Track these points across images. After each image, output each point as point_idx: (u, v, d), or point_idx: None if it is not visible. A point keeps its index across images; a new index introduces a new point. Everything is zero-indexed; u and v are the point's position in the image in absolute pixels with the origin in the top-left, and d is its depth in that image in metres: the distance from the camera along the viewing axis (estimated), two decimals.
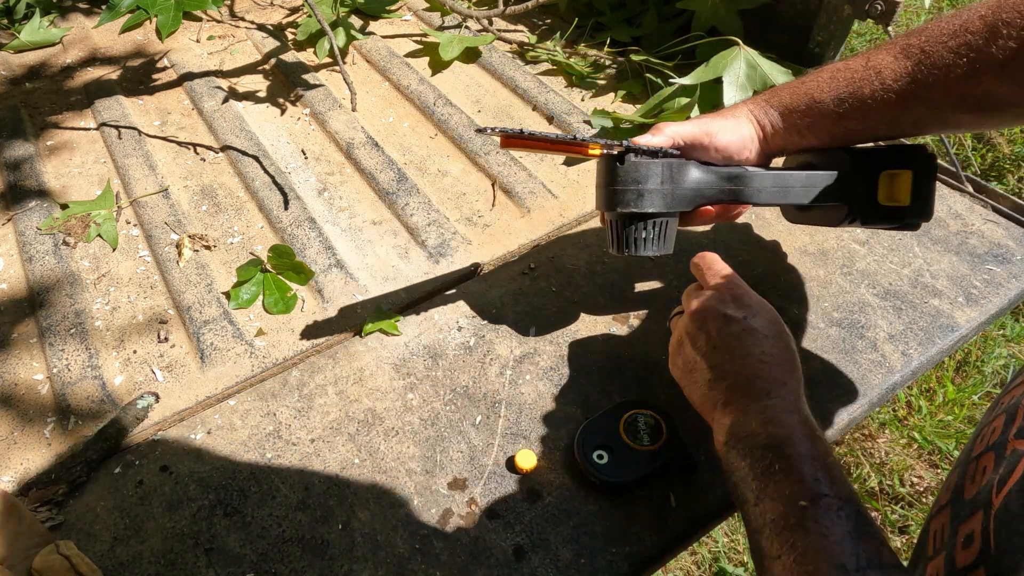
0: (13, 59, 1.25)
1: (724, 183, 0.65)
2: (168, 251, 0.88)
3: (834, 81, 0.61)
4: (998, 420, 0.39)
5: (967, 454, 0.40)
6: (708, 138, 0.64)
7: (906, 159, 0.67)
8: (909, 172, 0.66)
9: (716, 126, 0.64)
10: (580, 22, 1.28)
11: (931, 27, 0.58)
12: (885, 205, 0.68)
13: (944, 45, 0.56)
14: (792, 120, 0.64)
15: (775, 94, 0.65)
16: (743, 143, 0.65)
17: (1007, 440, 0.36)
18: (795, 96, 0.63)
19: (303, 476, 0.66)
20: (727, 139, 0.64)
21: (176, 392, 0.73)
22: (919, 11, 2.36)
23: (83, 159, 1.03)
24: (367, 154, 1.02)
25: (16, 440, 0.69)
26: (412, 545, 0.61)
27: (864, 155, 0.66)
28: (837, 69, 0.62)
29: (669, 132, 0.64)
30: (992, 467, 0.35)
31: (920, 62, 0.57)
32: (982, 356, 1.56)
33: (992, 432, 0.38)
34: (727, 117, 0.66)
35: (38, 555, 0.58)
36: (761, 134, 0.65)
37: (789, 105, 0.63)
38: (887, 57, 0.59)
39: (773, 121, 0.65)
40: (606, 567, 0.60)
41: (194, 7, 1.11)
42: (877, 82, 0.59)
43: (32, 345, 0.78)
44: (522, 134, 0.59)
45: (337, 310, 0.81)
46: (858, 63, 0.61)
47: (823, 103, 0.62)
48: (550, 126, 1.08)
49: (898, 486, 1.35)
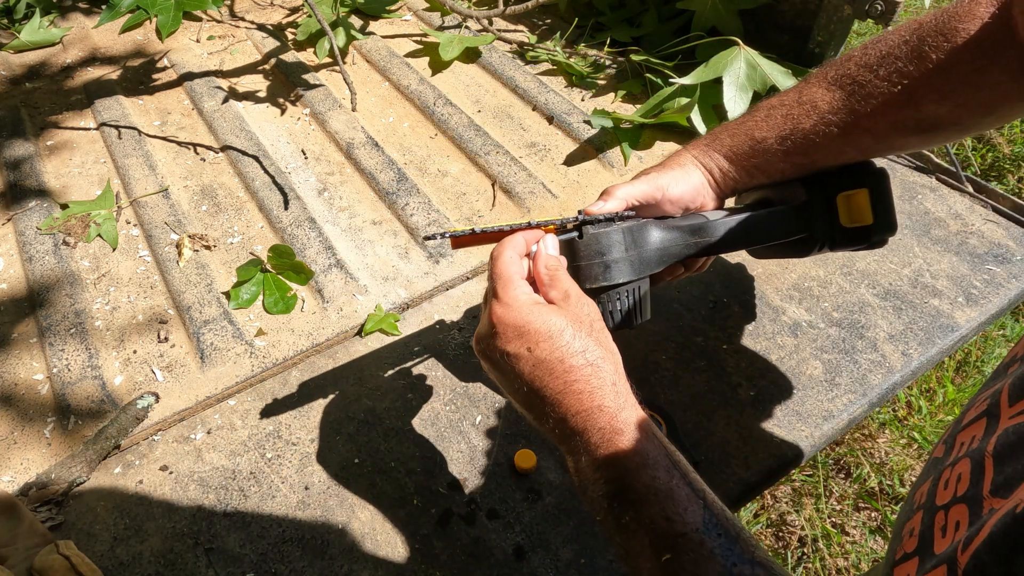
0: (13, 59, 1.25)
1: (688, 237, 0.63)
2: (168, 251, 0.88)
3: (771, 119, 0.61)
4: (962, 465, 0.37)
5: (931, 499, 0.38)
6: (660, 192, 0.62)
7: (858, 178, 0.66)
8: (865, 190, 0.65)
9: (665, 179, 0.62)
10: (580, 22, 1.28)
11: (856, 55, 0.58)
12: (849, 227, 0.67)
13: (876, 74, 0.56)
14: (739, 162, 0.63)
15: (715, 138, 0.64)
16: (696, 191, 0.63)
17: (981, 495, 0.33)
18: (736, 138, 0.62)
19: (303, 476, 0.66)
20: (680, 191, 0.62)
21: (176, 392, 0.73)
22: (919, 11, 2.37)
23: (83, 159, 1.03)
24: (367, 154, 1.02)
25: (16, 440, 0.69)
26: (412, 545, 0.61)
27: (817, 182, 0.65)
28: (772, 106, 0.61)
29: (620, 195, 0.61)
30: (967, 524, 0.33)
31: (854, 92, 0.57)
32: (982, 356, 1.56)
33: (959, 480, 0.36)
34: (673, 168, 0.64)
35: (38, 555, 0.58)
36: (711, 179, 0.64)
37: (732, 147, 0.62)
38: (819, 90, 0.59)
39: (719, 165, 0.63)
40: (606, 567, 0.60)
41: (194, 7, 1.11)
42: (815, 115, 0.58)
43: (32, 345, 0.78)
44: (473, 233, 0.57)
45: (337, 310, 0.81)
46: (791, 98, 0.60)
47: (766, 142, 0.61)
48: (550, 126, 1.08)
49: (898, 486, 1.35)
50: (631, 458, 0.45)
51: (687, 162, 0.64)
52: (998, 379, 0.41)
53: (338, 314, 0.80)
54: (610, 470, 0.45)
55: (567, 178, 0.99)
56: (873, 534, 1.30)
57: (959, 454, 0.38)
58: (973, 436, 0.38)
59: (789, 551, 1.27)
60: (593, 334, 0.49)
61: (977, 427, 0.38)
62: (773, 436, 0.69)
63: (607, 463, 0.45)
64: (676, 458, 0.45)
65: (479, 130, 1.05)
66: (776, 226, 0.66)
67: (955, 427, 0.42)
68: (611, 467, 0.45)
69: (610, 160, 1.00)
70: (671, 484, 0.43)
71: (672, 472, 0.44)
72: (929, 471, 0.41)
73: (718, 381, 0.74)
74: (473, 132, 1.05)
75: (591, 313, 0.51)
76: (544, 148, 1.04)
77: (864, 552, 1.26)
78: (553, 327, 0.48)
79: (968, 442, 0.38)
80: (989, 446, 0.35)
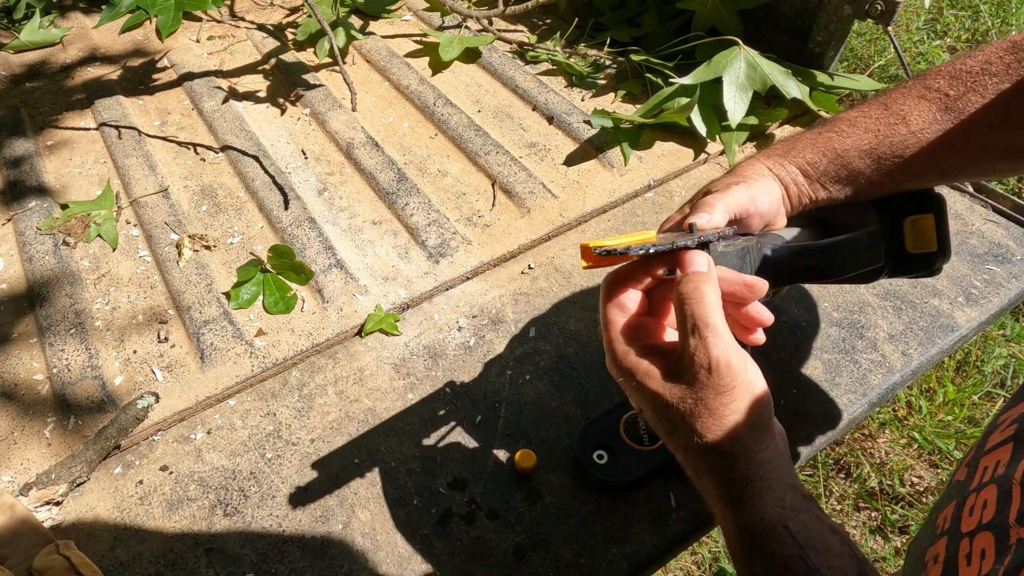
0: (13, 59, 1.25)
1: (799, 260, 0.57)
2: (168, 251, 0.88)
3: (855, 130, 0.56)
4: (988, 492, 0.36)
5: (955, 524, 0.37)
6: (753, 206, 0.55)
7: (923, 203, 0.62)
8: (931, 215, 0.62)
9: (755, 189, 0.55)
10: (580, 22, 1.28)
11: (947, 68, 0.54)
12: (915, 253, 0.63)
13: (970, 88, 0.52)
14: (815, 177, 0.57)
15: (791, 148, 0.58)
16: (777, 206, 0.57)
17: (1007, 523, 0.33)
18: (814, 150, 0.57)
19: (303, 476, 0.66)
20: (766, 204, 0.55)
21: (176, 392, 0.73)
22: (919, 11, 2.37)
23: (83, 159, 1.03)
24: (367, 154, 1.02)
25: (16, 440, 0.69)
26: (412, 545, 0.61)
27: (886, 205, 0.61)
28: (855, 117, 0.56)
29: (722, 207, 0.52)
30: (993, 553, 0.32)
31: (948, 108, 0.53)
32: (982, 356, 1.56)
33: (984, 507, 0.35)
34: (756, 179, 0.56)
35: (38, 555, 0.58)
36: (785, 194, 0.58)
37: (810, 161, 0.57)
38: (908, 101, 0.54)
39: (795, 179, 0.57)
40: (606, 567, 0.60)
41: (194, 7, 1.11)
42: (904, 129, 0.54)
43: (32, 345, 0.78)
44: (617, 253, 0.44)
45: (337, 310, 0.81)
46: (877, 109, 0.56)
47: (847, 156, 0.55)
48: (550, 126, 1.08)
49: (898, 486, 1.35)
50: (757, 560, 0.41)
51: (764, 173, 0.57)
52: (1021, 399, 0.40)
53: (338, 314, 0.80)
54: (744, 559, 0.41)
55: (567, 178, 0.99)
56: (873, 534, 1.30)
57: (984, 479, 0.37)
58: (998, 461, 0.37)
59: None
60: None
61: (1003, 452, 0.37)
62: None
63: (741, 551, 0.41)
64: (814, 564, 0.39)
65: (479, 130, 1.05)
66: (873, 250, 0.62)
67: (978, 450, 0.40)
68: (744, 556, 0.41)
69: (610, 160, 1.00)
70: None
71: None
72: (952, 494, 0.40)
73: None
74: (473, 132, 1.05)
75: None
76: (544, 148, 1.04)
77: (864, 552, 1.26)
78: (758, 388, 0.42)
79: (993, 467, 0.37)
80: (1017, 473, 0.34)
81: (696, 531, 0.63)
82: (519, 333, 0.78)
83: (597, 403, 0.71)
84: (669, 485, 0.64)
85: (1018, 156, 0.53)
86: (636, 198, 0.97)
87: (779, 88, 0.98)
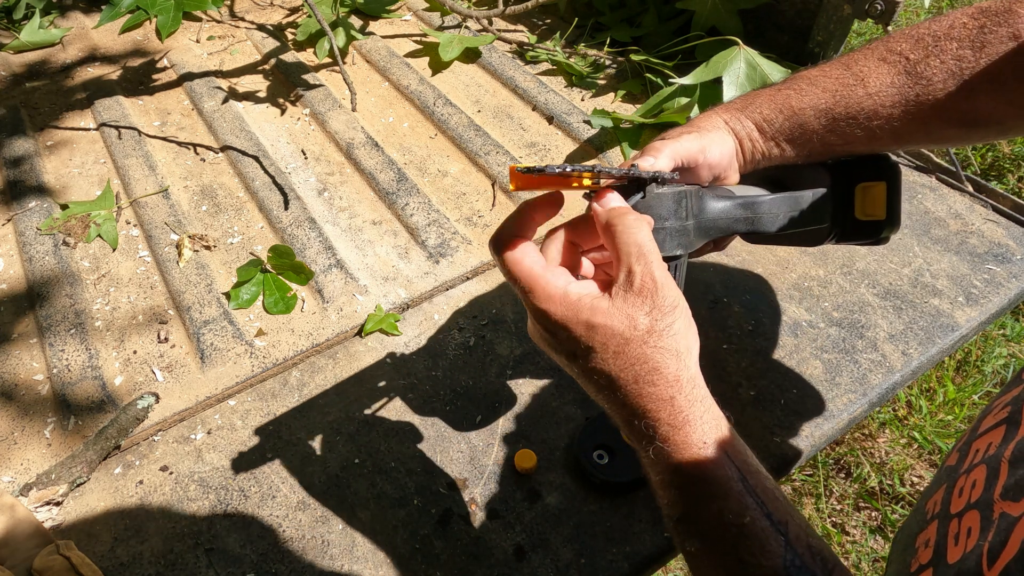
0: (13, 59, 1.25)
1: (740, 211, 0.57)
2: (168, 251, 0.88)
3: (814, 89, 0.55)
4: (978, 472, 0.35)
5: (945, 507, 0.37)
6: (702, 155, 0.55)
7: (876, 170, 0.62)
8: (883, 184, 0.62)
9: (706, 140, 0.55)
10: (580, 22, 1.28)
11: (911, 32, 0.54)
12: (862, 220, 0.64)
13: (931, 54, 0.51)
14: (770, 134, 0.57)
15: (749, 103, 0.58)
16: (728, 160, 0.57)
17: (992, 499, 0.32)
18: (772, 106, 0.56)
19: (303, 476, 0.66)
20: (716, 156, 0.56)
21: (176, 392, 0.73)
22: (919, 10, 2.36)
23: (83, 159, 1.03)
24: (367, 154, 1.02)
25: (16, 440, 0.69)
26: (412, 545, 0.61)
27: (841, 169, 0.62)
28: (815, 76, 0.56)
29: (668, 153, 0.52)
30: (978, 529, 0.32)
31: (907, 72, 0.52)
32: (982, 356, 1.56)
33: (973, 487, 0.35)
34: (710, 130, 0.56)
35: (38, 555, 0.58)
36: (739, 148, 0.58)
37: (766, 117, 0.56)
38: (868, 63, 0.54)
39: (750, 134, 0.57)
40: (606, 567, 0.60)
41: (194, 7, 1.11)
42: (862, 91, 0.53)
43: (32, 345, 0.78)
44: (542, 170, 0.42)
45: (337, 310, 0.81)
46: (837, 69, 0.55)
47: (803, 114, 0.55)
48: (550, 126, 1.08)
49: (898, 486, 1.35)
50: (697, 485, 0.40)
51: (719, 126, 0.57)
52: (1015, 386, 0.40)
53: (338, 314, 0.80)
54: (672, 493, 0.41)
55: None
56: (873, 534, 1.30)
57: (975, 461, 0.37)
58: (990, 443, 0.37)
59: None
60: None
61: (995, 434, 0.37)
62: (773, 436, 0.69)
63: (669, 484, 0.41)
64: (754, 481, 0.40)
65: (479, 130, 1.05)
66: (817, 211, 0.62)
67: (971, 435, 0.40)
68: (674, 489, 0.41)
69: (610, 160, 1.00)
70: (744, 519, 0.38)
71: (745, 500, 0.39)
72: (942, 479, 0.40)
73: (718, 381, 0.74)
74: (473, 132, 1.05)
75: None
76: (544, 148, 1.04)
77: (864, 552, 1.26)
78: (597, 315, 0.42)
79: (984, 449, 0.37)
80: (1007, 452, 0.34)
81: None
82: (519, 333, 0.78)
83: (597, 403, 0.71)
84: None
85: (971, 124, 0.52)
86: None
87: None
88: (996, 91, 0.50)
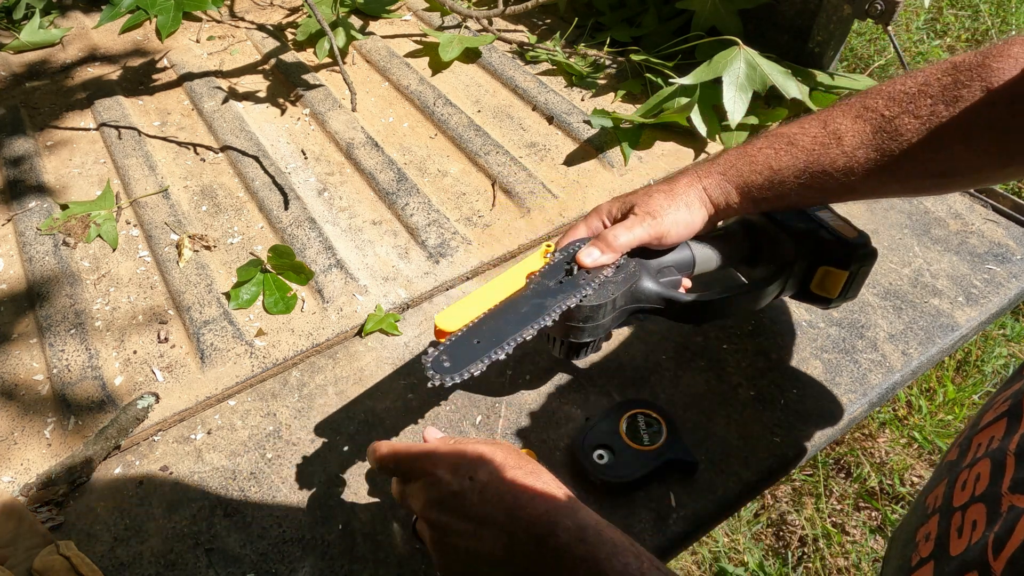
0: (13, 59, 1.25)
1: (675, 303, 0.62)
2: (168, 251, 0.88)
3: (793, 149, 0.58)
4: (982, 465, 0.36)
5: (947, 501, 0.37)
6: (658, 240, 0.61)
7: (846, 258, 0.65)
8: (846, 274, 0.65)
9: (667, 224, 0.60)
10: (580, 22, 1.28)
11: (886, 88, 0.56)
12: (814, 292, 0.68)
13: (905, 110, 0.53)
14: (749, 194, 0.60)
15: (732, 165, 0.61)
16: (691, 231, 0.62)
17: (999, 493, 0.33)
18: (754, 169, 0.60)
19: (303, 476, 0.66)
20: (676, 235, 0.61)
21: (176, 392, 0.73)
22: (919, 11, 2.37)
23: (83, 159, 1.03)
24: (367, 154, 1.02)
25: (16, 440, 0.69)
26: (412, 545, 0.61)
27: (809, 247, 0.65)
28: (794, 134, 0.59)
29: (620, 245, 0.59)
30: (984, 522, 0.33)
31: (881, 128, 0.54)
32: (982, 356, 1.56)
33: (977, 480, 0.36)
34: (680, 208, 0.61)
35: (38, 555, 0.58)
36: (713, 211, 0.62)
37: (749, 181, 0.60)
38: (845, 120, 0.56)
39: (729, 198, 0.61)
40: None
41: (194, 7, 1.11)
42: (837, 150, 0.56)
43: (32, 345, 0.78)
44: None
45: (337, 310, 0.81)
46: (815, 127, 0.58)
47: (783, 174, 0.58)
48: (550, 126, 1.08)
49: (898, 486, 1.35)
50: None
51: (694, 200, 0.61)
52: (1016, 381, 0.40)
53: (338, 314, 0.80)
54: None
55: (567, 178, 0.99)
56: (873, 534, 1.30)
57: (977, 455, 0.38)
58: (992, 437, 0.38)
59: (789, 551, 1.27)
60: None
61: (996, 428, 0.38)
62: (773, 436, 0.69)
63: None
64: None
65: (479, 130, 1.05)
66: (754, 303, 0.66)
67: (971, 430, 0.41)
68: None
69: (610, 160, 1.00)
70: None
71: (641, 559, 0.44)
72: (942, 474, 0.41)
73: (718, 381, 0.74)
74: (473, 132, 1.05)
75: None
76: (544, 148, 1.04)
77: (864, 552, 1.26)
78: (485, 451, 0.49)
79: (987, 443, 0.38)
80: (1012, 445, 0.35)
81: (696, 531, 0.63)
82: None
83: (597, 403, 0.71)
84: (669, 485, 0.64)
85: (946, 175, 0.54)
86: None
87: (779, 88, 0.98)
88: (968, 142, 0.52)
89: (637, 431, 0.65)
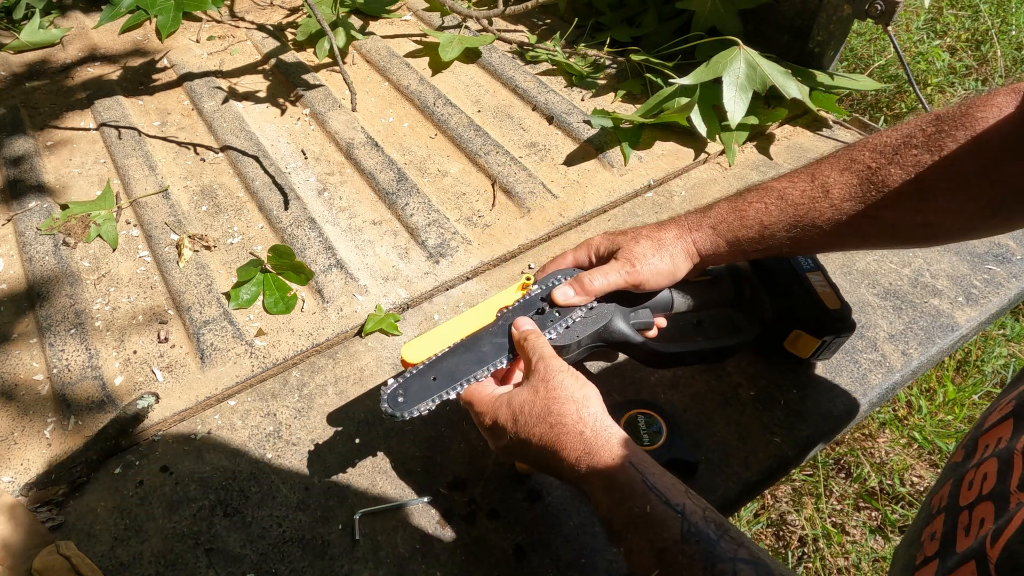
0: (13, 59, 1.25)
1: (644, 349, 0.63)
2: (168, 251, 0.88)
3: (782, 203, 0.59)
4: (988, 465, 0.37)
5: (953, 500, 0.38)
6: (634, 287, 0.62)
7: (823, 326, 0.67)
8: (819, 342, 0.68)
9: (647, 273, 0.61)
10: (580, 22, 1.28)
11: (872, 141, 0.57)
12: (786, 349, 0.71)
13: (891, 161, 0.54)
14: (739, 246, 0.61)
15: (723, 220, 0.62)
16: (672, 280, 0.63)
17: (1008, 490, 0.34)
18: (744, 224, 0.61)
19: (303, 476, 0.66)
20: (655, 284, 0.62)
21: (176, 392, 0.73)
22: (919, 11, 2.36)
23: (83, 159, 1.03)
24: (367, 154, 1.02)
25: (16, 440, 0.69)
26: (412, 545, 0.61)
27: (787, 308, 0.67)
28: (784, 188, 0.60)
29: (595, 289, 0.61)
30: (992, 519, 0.33)
31: (867, 180, 0.55)
32: (982, 356, 1.56)
33: (984, 480, 0.36)
34: (664, 258, 0.62)
35: (38, 555, 0.58)
36: (699, 261, 0.63)
37: (739, 235, 0.61)
38: (832, 173, 0.58)
39: (717, 250, 0.62)
40: (606, 567, 0.60)
41: (194, 7, 1.11)
42: (825, 203, 0.57)
43: (32, 345, 0.78)
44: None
45: (337, 310, 0.81)
46: (804, 181, 0.59)
47: (772, 229, 0.60)
48: (550, 126, 1.08)
49: (898, 486, 1.35)
50: (610, 493, 0.50)
51: (679, 252, 0.62)
52: (1020, 383, 0.41)
53: (338, 314, 0.80)
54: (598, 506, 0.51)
55: (567, 178, 0.99)
56: (873, 534, 1.30)
57: (984, 455, 0.38)
58: (999, 438, 0.38)
59: (789, 551, 1.27)
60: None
61: (1003, 428, 0.38)
62: (773, 436, 0.69)
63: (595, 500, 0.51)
64: (654, 480, 0.49)
65: (479, 130, 1.05)
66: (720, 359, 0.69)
67: (975, 431, 0.41)
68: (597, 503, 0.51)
69: (610, 160, 1.00)
70: (646, 508, 0.48)
71: (647, 495, 0.48)
72: (947, 475, 0.41)
73: (718, 381, 0.74)
74: (473, 132, 1.05)
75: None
76: (544, 148, 1.04)
77: (864, 552, 1.26)
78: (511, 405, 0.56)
79: (994, 444, 0.38)
80: (1019, 444, 0.35)
81: None
82: None
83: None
84: None
85: (931, 226, 0.55)
86: (636, 198, 0.97)
87: (779, 88, 0.98)
88: (956, 189, 0.53)
89: (637, 431, 0.65)
